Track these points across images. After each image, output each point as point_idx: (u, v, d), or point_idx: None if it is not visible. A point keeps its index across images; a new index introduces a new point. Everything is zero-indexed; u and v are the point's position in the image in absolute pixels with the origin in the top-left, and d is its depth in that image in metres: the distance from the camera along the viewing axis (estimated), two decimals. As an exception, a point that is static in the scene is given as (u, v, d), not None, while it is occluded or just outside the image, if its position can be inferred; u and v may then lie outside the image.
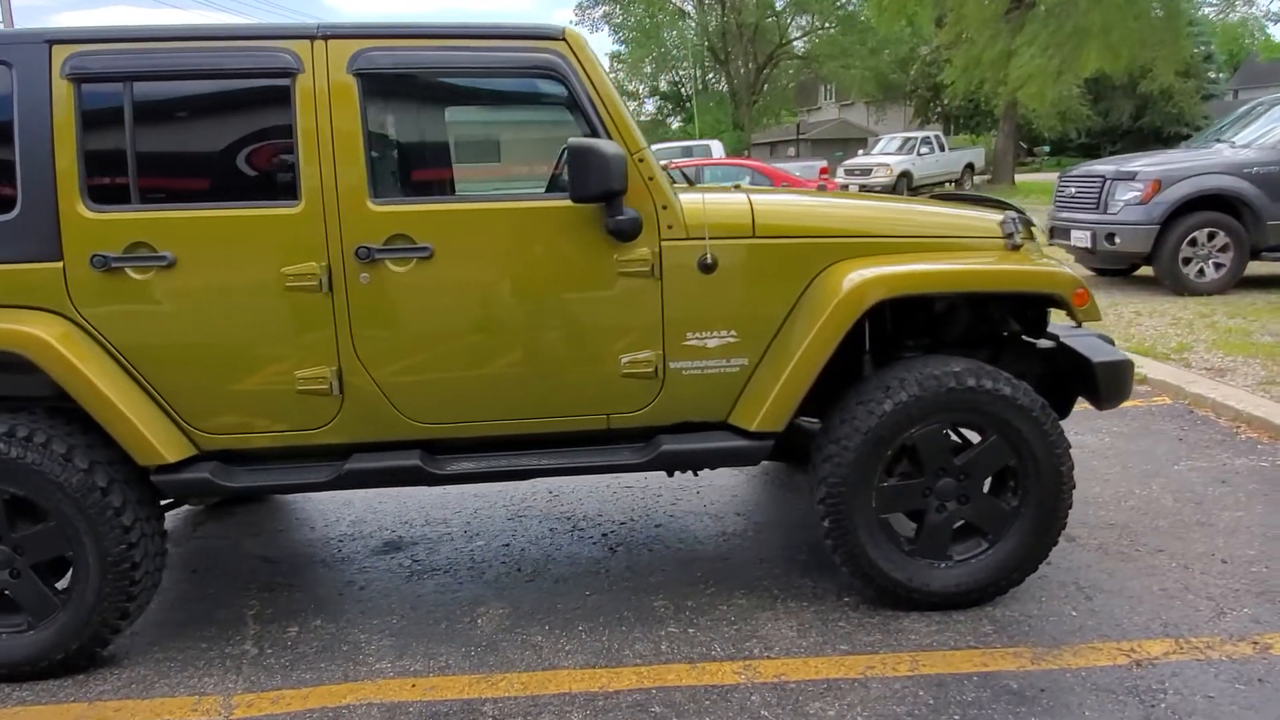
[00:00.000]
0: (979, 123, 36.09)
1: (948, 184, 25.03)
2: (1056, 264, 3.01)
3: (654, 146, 17.40)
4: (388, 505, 4.37)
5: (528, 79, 2.90)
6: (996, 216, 3.19)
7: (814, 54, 38.72)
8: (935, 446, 3.02)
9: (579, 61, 2.88)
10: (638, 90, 47.07)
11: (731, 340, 3.02)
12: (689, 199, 3.00)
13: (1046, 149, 37.08)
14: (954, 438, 3.18)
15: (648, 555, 3.70)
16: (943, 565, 3.09)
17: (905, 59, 36.43)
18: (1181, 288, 8.40)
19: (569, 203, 2.82)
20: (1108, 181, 8.75)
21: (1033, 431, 2.97)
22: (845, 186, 23.48)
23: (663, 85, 46.96)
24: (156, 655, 3.10)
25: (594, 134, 2.87)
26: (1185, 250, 8.36)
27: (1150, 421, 5.13)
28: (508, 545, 3.87)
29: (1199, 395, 5.30)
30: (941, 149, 24.12)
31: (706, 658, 2.90)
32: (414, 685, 2.81)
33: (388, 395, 2.96)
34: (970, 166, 25.29)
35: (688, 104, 44.99)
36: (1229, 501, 3.94)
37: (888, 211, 3.19)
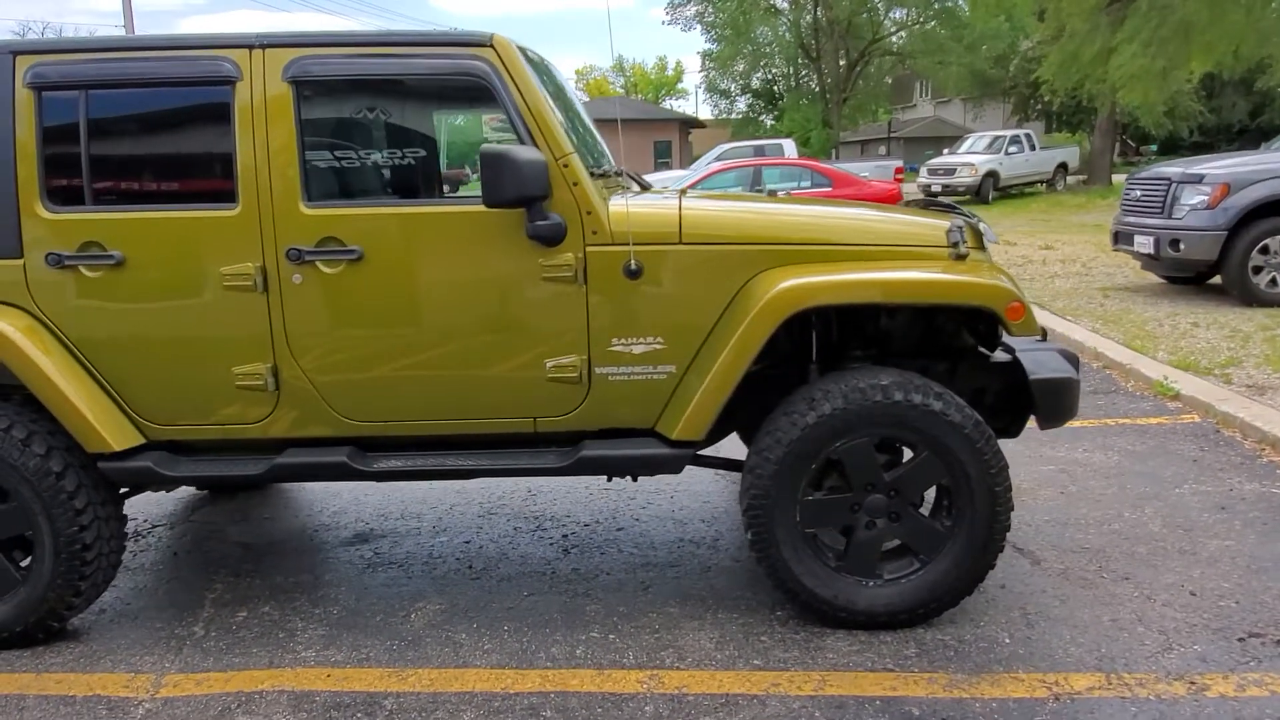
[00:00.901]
0: (1081, 120, 34.53)
1: (1039, 185, 24.07)
2: (992, 275, 2.88)
3: (725, 146, 17.38)
4: (372, 498, 4.50)
5: (455, 85, 2.94)
6: (944, 224, 3.07)
7: (908, 50, 37.74)
8: (863, 461, 2.93)
9: (506, 69, 2.90)
10: (729, 89, 46.76)
11: (658, 347, 3.00)
12: (617, 204, 2.99)
13: (1154, 148, 35.23)
14: (885, 453, 3.08)
15: (599, 558, 3.71)
16: (871, 584, 3.01)
17: (1004, 54, 35.14)
18: (1250, 298, 7.88)
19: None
20: (1173, 184, 8.28)
21: (965, 449, 2.86)
22: (928, 187, 22.86)
23: (755, 83, 46.50)
24: (113, 632, 3.28)
25: (519, 139, 2.90)
26: (1255, 258, 7.83)
27: (1169, 440, 4.84)
28: (469, 542, 3.94)
29: (1228, 415, 4.98)
30: (1032, 148, 23.17)
31: (617, 665, 2.89)
32: (329, 675, 2.90)
33: (321, 393, 3.05)
34: (1063, 166, 24.23)
35: (780, 102, 44.54)
36: (1221, 529, 3.70)
37: (826, 218, 3.11)
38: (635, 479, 3.58)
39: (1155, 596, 3.18)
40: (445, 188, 3.72)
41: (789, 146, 17.98)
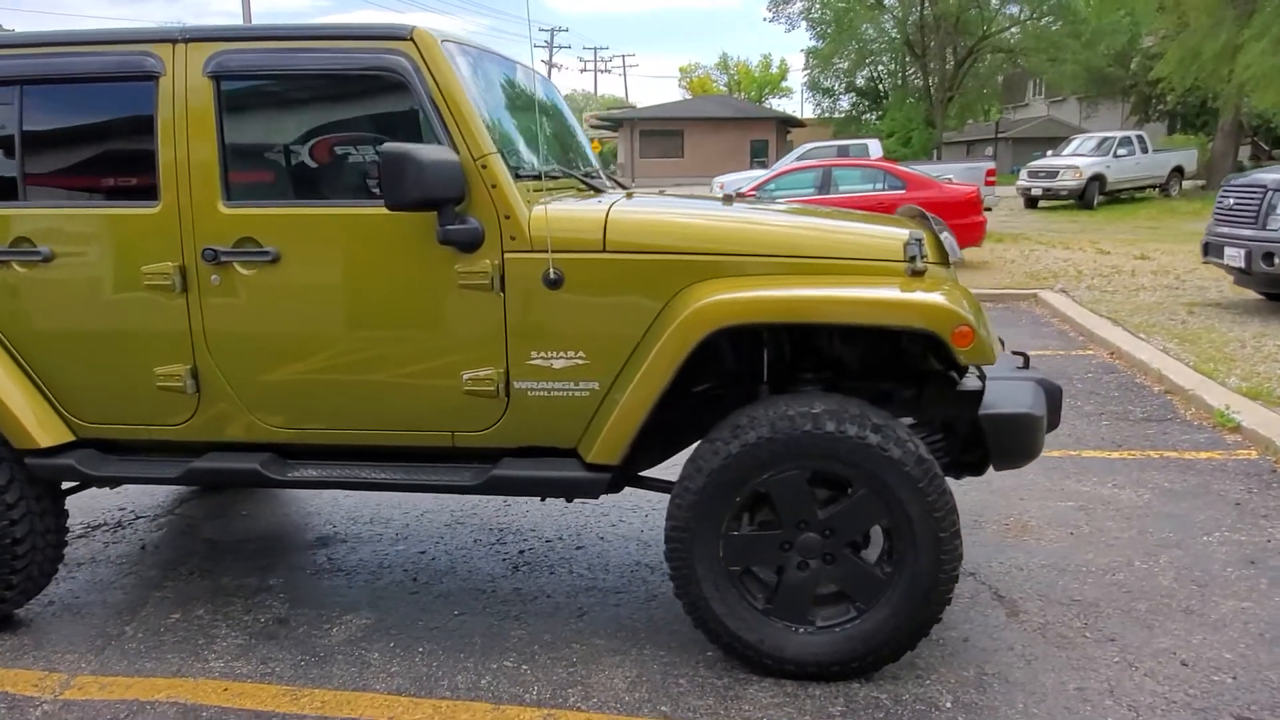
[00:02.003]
0: (1206, 122, 32.28)
1: (1151, 190, 22.58)
2: (942, 295, 2.55)
3: (808, 145, 16.94)
4: (350, 500, 4.43)
5: (374, 80, 2.81)
6: (902, 237, 2.76)
7: (1020, 47, 36.08)
8: (793, 496, 2.66)
9: (425, 63, 2.75)
10: (833, 87, 45.74)
11: (579, 362, 2.80)
12: (541, 208, 2.80)
13: (1290, 151, 32.62)
14: (830, 488, 2.79)
15: (545, 578, 3.53)
16: (802, 630, 2.73)
17: (1124, 51, 33.16)
18: (1353, 320, 7.10)
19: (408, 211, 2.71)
20: (1269, 192, 7.54)
21: (906, 489, 2.56)
22: (1028, 190, 21.74)
23: (859, 81, 45.34)
24: (50, 626, 3.28)
25: (435, 137, 2.74)
26: (1361, 276, 7.05)
27: (1216, 479, 4.34)
28: (424, 552, 3.82)
29: (1289, 453, 4.44)
30: (1144, 150, 21.70)
31: (516, 700, 2.71)
32: (226, 689, 2.81)
33: (239, 397, 2.97)
34: (1179, 170, 22.61)
35: (884, 100, 43.31)
36: (1242, 588, 3.25)
37: (768, 228, 2.83)
38: (542, 499, 3.37)
39: (1139, 664, 2.80)
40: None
41: (874, 147, 17.33)
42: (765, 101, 67.20)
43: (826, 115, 46.31)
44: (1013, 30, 36.99)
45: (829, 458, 2.59)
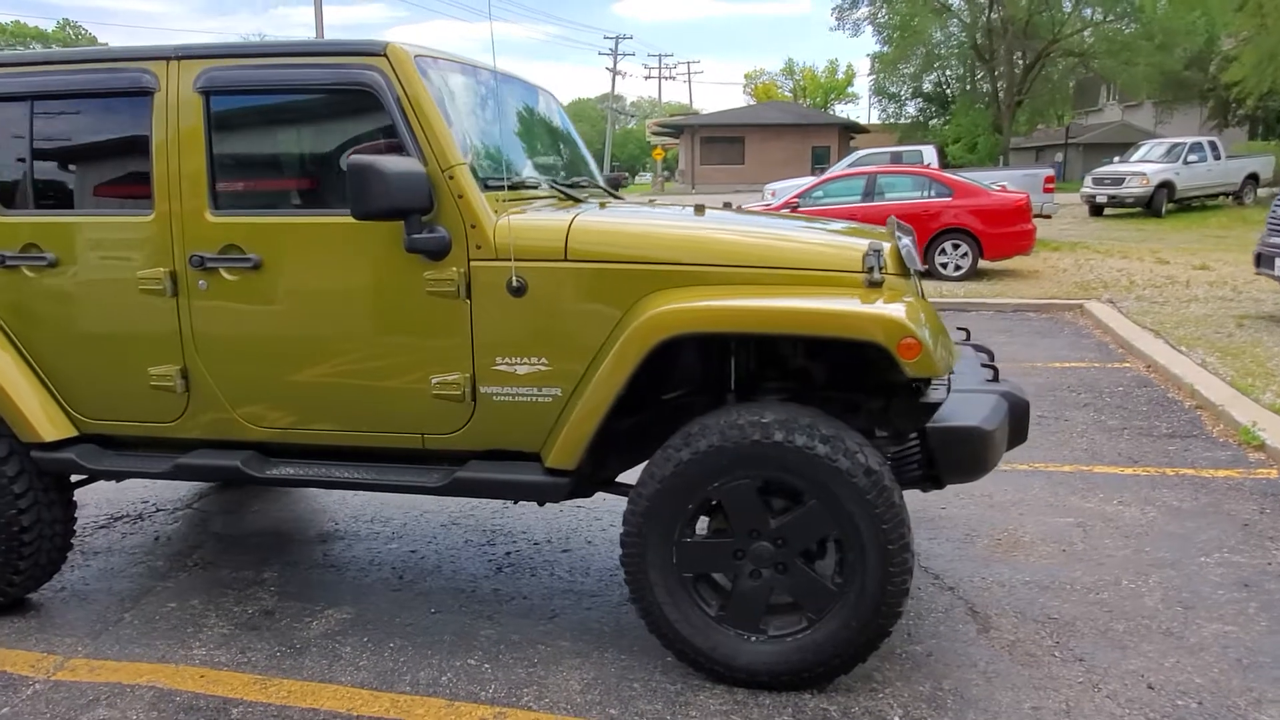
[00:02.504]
0: (1291, 126, 30.98)
1: (1224, 197, 21.73)
2: (892, 306, 2.54)
3: (861, 152, 16.74)
4: (358, 498, 4.57)
5: (350, 94, 2.91)
6: (861, 247, 2.76)
7: (1091, 50, 35.06)
8: (745, 505, 2.68)
9: (398, 78, 2.85)
10: (899, 93, 45.11)
11: (543, 368, 2.86)
12: (506, 218, 2.86)
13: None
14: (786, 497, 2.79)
15: (526, 580, 3.60)
16: (754, 639, 2.74)
17: (1201, 54, 31.99)
18: None
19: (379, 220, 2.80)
20: (1323, 202, 7.22)
21: (854, 501, 2.55)
22: (1092, 198, 21.14)
23: (926, 86, 44.61)
24: (57, 611, 3.47)
25: (405, 149, 2.84)
26: None
27: (1228, 498, 4.20)
28: (414, 551, 3.92)
29: (1310, 473, 4.26)
30: (1216, 156, 20.90)
31: (472, 698, 2.78)
32: (203, 676, 2.94)
33: (225, 397, 3.11)
34: (1253, 178, 21.72)
35: (951, 105, 42.52)
36: (1229, 611, 3.15)
37: (728, 238, 2.85)
38: (515, 501, 3.41)
39: (1103, 686, 2.74)
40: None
41: (929, 153, 17.05)
42: (831, 107, 66.59)
43: (892, 121, 45.70)
44: (1085, 33, 35.99)
45: (778, 467, 2.60)
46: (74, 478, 3.49)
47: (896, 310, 2.51)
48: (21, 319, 3.22)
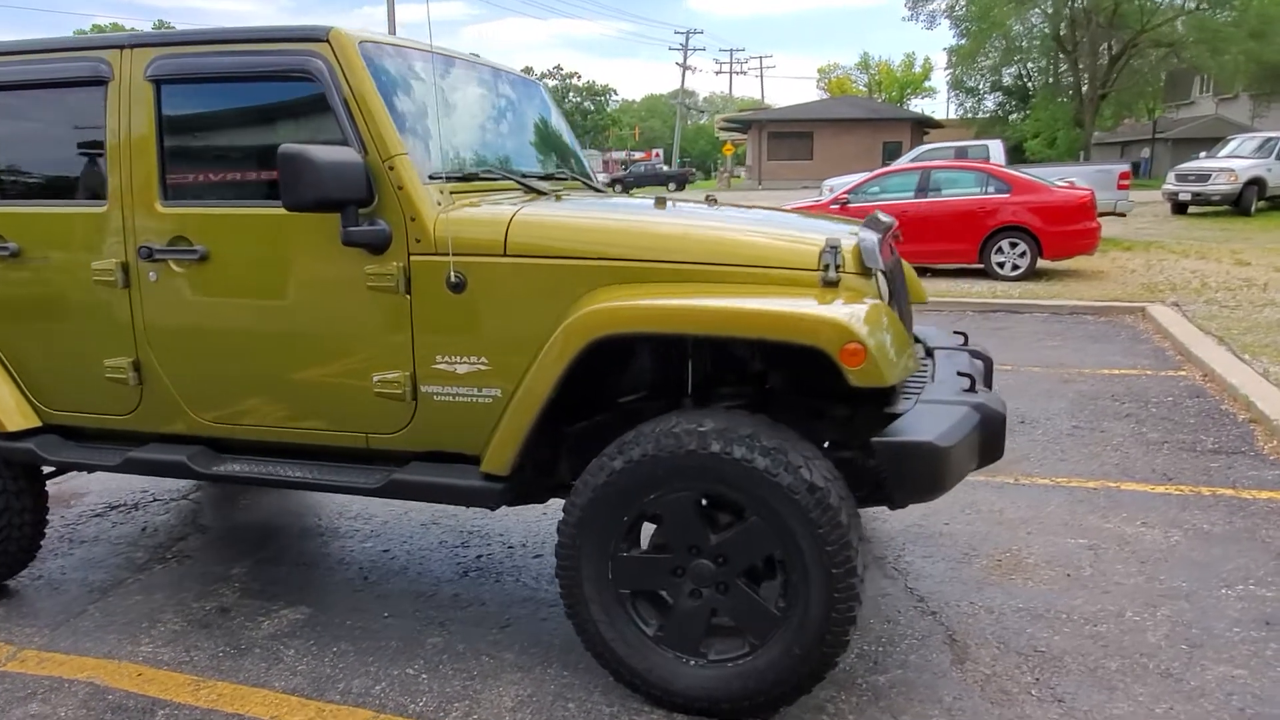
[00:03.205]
0: (1403, 119, 28.95)
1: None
2: (838, 309, 2.32)
3: (924, 147, 16.19)
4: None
5: (294, 81, 2.82)
6: (818, 243, 2.54)
7: (1181, 39, 33.39)
8: (683, 519, 2.50)
9: (340, 64, 2.74)
10: (977, 86, 43.80)
11: (482, 368, 2.72)
12: (452, 213, 2.73)
13: None
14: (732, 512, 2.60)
15: (490, 586, 3.47)
16: (692, 662, 2.56)
17: (1304, 42, 30.12)
18: None
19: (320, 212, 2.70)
20: None
21: (796, 519, 2.35)
22: (1175, 195, 20.09)
23: (1005, 79, 43.19)
24: (28, 600, 3.48)
25: (344, 138, 2.73)
26: None
27: (1267, 523, 3.83)
28: (386, 550, 3.83)
29: (1362, 498, 3.86)
30: (1312, 151, 19.64)
31: (400, 710, 2.66)
32: (140, 675, 2.89)
33: (174, 390, 3.06)
34: (1354, 173, 20.34)
35: (1032, 99, 41.08)
36: (1241, 653, 2.84)
37: (676, 233, 2.66)
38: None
39: (1079, 730, 2.48)
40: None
41: (995, 148, 16.36)
42: (907, 102, 65.08)
43: (969, 116, 44.38)
44: (1176, 22, 34.29)
45: (716, 480, 2.41)
46: (45, 470, 3.50)
47: (842, 312, 2.30)
48: (-14, 310, 3.23)
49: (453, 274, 2.68)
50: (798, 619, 2.42)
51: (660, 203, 3.00)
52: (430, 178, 2.79)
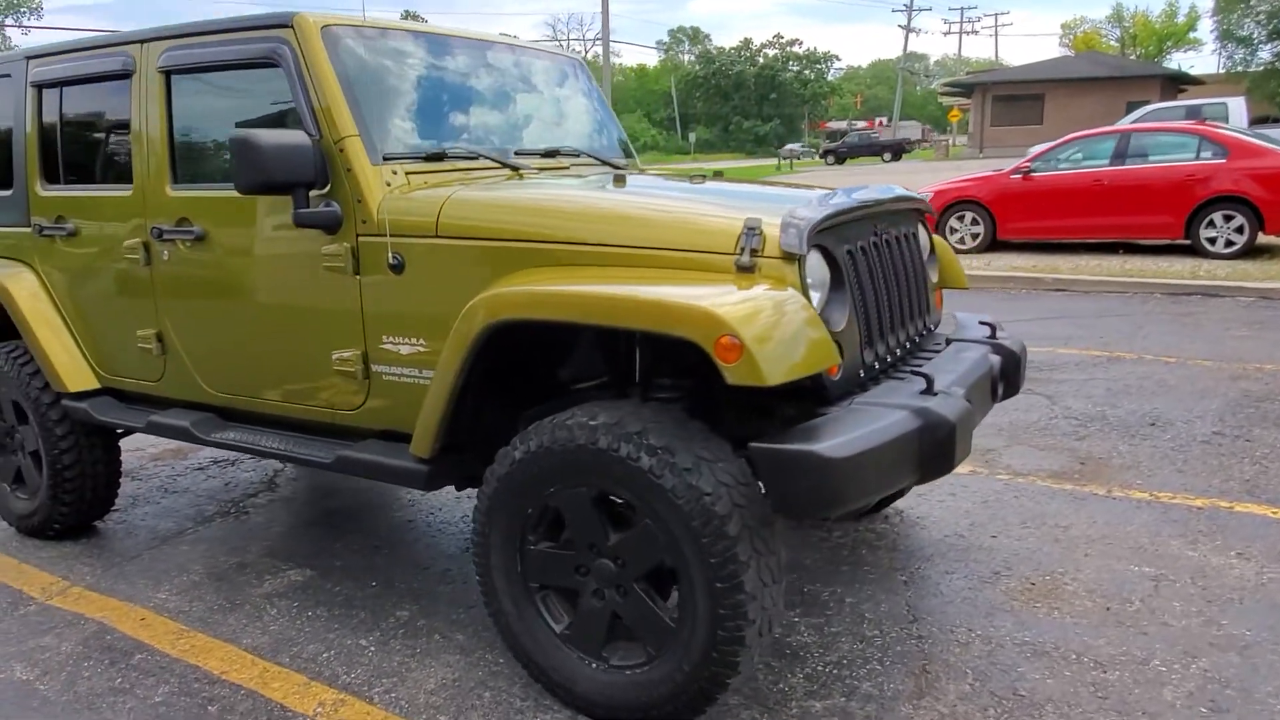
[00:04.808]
0: None
1: None
2: (722, 298, 2.08)
3: (1151, 107, 14.44)
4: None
5: (265, 67, 2.91)
6: (737, 223, 2.30)
7: None
8: (582, 516, 2.38)
9: (301, 47, 2.81)
10: (1251, 35, 38.44)
11: (421, 349, 2.72)
12: (396, 194, 2.73)
13: None
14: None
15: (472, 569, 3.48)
16: (594, 665, 2.44)
17: None
18: None
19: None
20: None
21: (680, 527, 2.17)
22: None
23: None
24: (105, 540, 3.90)
25: (300, 120, 2.80)
26: None
27: (1405, 568, 3.10)
28: (411, 521, 3.96)
29: None
30: None
31: (331, 681, 2.73)
32: (142, 620, 3.16)
33: (187, 360, 3.30)
34: None
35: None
36: (1273, 726, 2.31)
37: (600, 212, 2.49)
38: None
39: (1015, 793, 2.12)
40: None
41: (1235, 108, 14.18)
42: (1165, 57, 58.17)
43: (1240, 69, 39.03)
44: None
45: (606, 478, 2.27)
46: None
47: (721, 302, 2.07)
48: (57, 284, 3.62)
49: (391, 255, 2.69)
50: (688, 634, 2.24)
51: (619, 181, 2.85)
52: (385, 159, 2.80)
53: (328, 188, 2.77)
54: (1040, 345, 6.61)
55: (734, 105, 75.15)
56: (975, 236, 11.20)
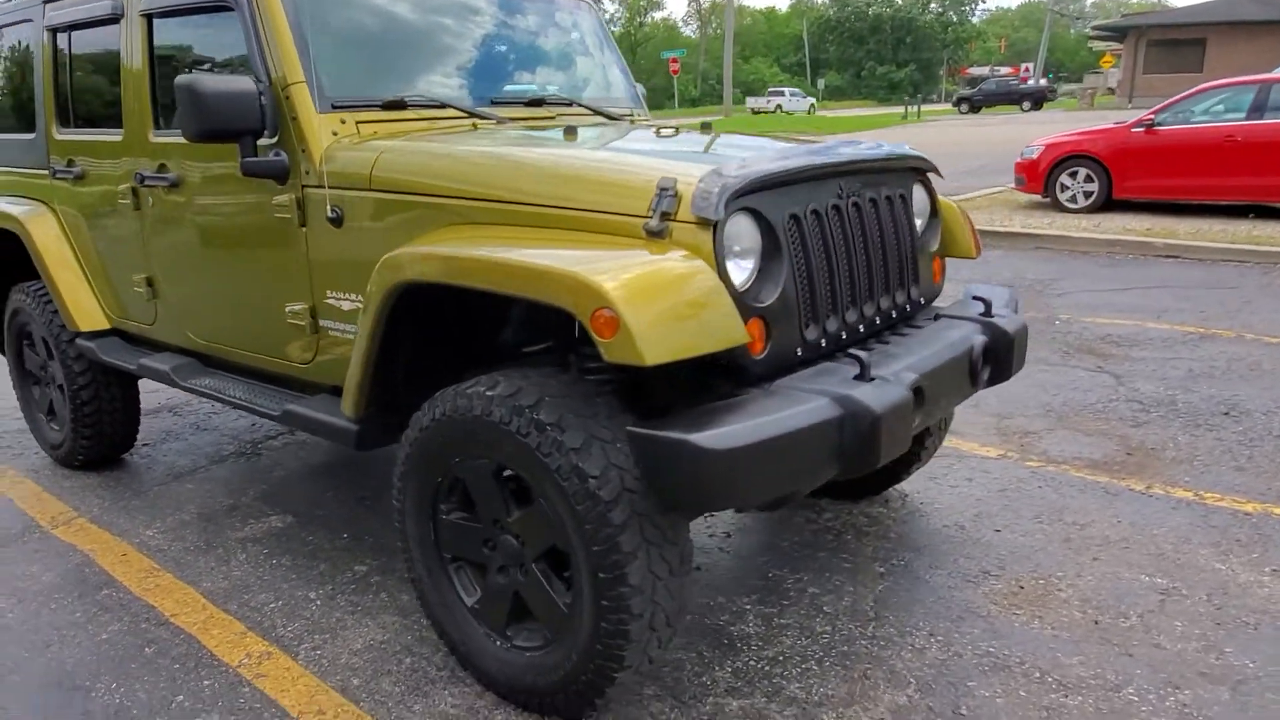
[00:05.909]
0: None
1: None
2: (604, 264, 1.88)
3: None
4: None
5: (226, 11, 2.85)
6: (653, 183, 2.09)
7: None
8: (484, 489, 2.27)
9: (254, -9, 2.73)
10: None
11: (359, 305, 2.65)
12: (339, 144, 2.64)
13: None
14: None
15: (456, 524, 3.45)
16: (498, 642, 2.35)
17: None
18: None
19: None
20: None
21: (564, 507, 2.03)
22: None
23: None
24: (123, 474, 4.07)
25: (251, 64, 2.73)
26: None
27: None
28: (405, 474, 3.95)
29: None
30: None
31: (267, 633, 2.75)
32: (124, 555, 3.27)
33: (173, 304, 3.35)
34: None
35: None
36: (1241, 779, 2.01)
37: (520, 167, 2.31)
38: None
39: (912, 826, 1.92)
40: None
41: None
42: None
43: None
44: None
45: (500, 451, 2.15)
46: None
47: (602, 271, 1.89)
48: (72, 225, 3.74)
49: (329, 207, 2.61)
50: (577, 621, 2.11)
51: (569, 133, 2.66)
52: (335, 107, 2.71)
53: (277, 137, 2.71)
54: (1128, 318, 6.05)
55: (868, 49, 71.91)
56: (1088, 195, 10.34)
